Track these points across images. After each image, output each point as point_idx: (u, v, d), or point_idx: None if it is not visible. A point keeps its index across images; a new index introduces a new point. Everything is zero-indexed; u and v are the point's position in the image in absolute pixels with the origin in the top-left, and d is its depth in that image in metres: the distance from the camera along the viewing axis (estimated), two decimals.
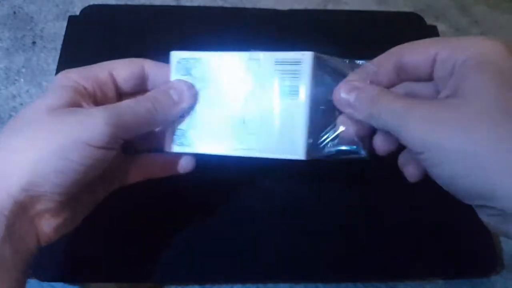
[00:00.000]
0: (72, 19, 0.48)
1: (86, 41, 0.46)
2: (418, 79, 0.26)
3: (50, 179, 0.23)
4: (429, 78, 0.25)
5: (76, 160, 0.23)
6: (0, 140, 0.23)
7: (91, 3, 0.49)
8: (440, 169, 0.21)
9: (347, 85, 0.26)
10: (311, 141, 0.26)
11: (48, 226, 0.25)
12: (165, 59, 0.29)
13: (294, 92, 0.26)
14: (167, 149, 0.29)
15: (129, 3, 0.52)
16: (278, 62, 0.26)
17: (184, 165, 0.30)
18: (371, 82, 0.26)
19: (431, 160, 0.22)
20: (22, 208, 0.23)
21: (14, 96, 0.45)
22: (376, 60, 0.26)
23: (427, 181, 0.37)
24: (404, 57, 0.25)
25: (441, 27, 0.52)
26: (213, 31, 0.46)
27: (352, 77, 0.26)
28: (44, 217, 0.24)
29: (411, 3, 0.55)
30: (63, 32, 0.47)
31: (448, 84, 0.23)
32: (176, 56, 0.28)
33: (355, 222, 0.38)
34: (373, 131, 0.27)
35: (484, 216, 0.22)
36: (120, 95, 0.29)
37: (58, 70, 0.44)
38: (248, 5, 0.53)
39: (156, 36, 0.46)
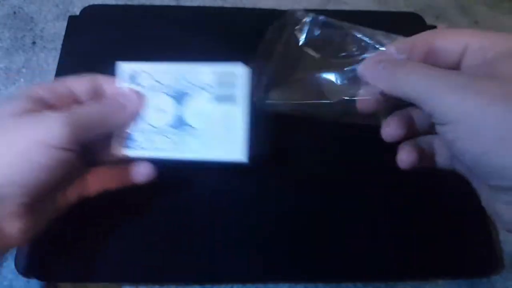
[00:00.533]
0: (72, 19, 0.48)
1: (86, 41, 0.46)
2: (445, 66, 0.25)
3: (14, 180, 0.24)
4: (456, 67, 0.25)
5: (39, 161, 0.24)
6: None
7: (91, 3, 0.49)
8: (471, 142, 0.20)
9: (375, 57, 0.27)
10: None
11: (11, 228, 0.25)
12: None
13: (232, 99, 0.29)
14: (114, 152, 0.30)
15: (129, 3, 0.52)
16: (216, 74, 0.29)
17: (143, 172, 0.31)
18: None
19: (461, 131, 0.21)
20: None
21: None
22: (409, 39, 0.27)
23: (427, 181, 0.37)
24: (437, 42, 0.25)
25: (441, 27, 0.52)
26: (213, 31, 0.46)
27: (379, 56, 0.27)
28: (7, 219, 0.25)
29: (411, 3, 0.55)
30: (63, 32, 0.47)
31: (480, 70, 0.23)
32: (122, 67, 0.31)
33: (355, 222, 0.38)
34: (389, 110, 0.27)
35: (500, 205, 0.21)
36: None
37: (58, 70, 0.44)
38: (248, 5, 0.53)
39: (156, 36, 0.46)
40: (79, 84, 0.29)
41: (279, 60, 0.32)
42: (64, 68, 0.44)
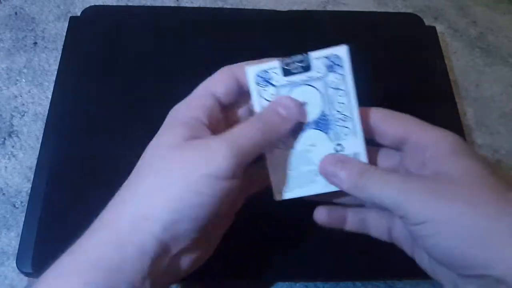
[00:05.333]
0: (73, 20, 0.48)
1: (87, 42, 0.46)
2: (387, 145, 0.28)
3: (187, 215, 0.23)
4: (397, 148, 0.27)
5: (208, 193, 0.23)
6: (132, 186, 0.24)
7: (92, 4, 0.50)
8: (439, 239, 0.23)
9: (333, 156, 0.27)
10: None
11: (184, 262, 0.25)
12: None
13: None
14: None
15: (130, 4, 0.53)
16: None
17: None
18: None
19: (431, 230, 0.23)
20: (164, 249, 0.23)
21: (15, 96, 0.45)
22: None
23: None
24: (380, 124, 0.27)
25: (439, 27, 0.53)
26: (213, 32, 0.46)
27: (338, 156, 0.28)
28: (182, 255, 0.25)
29: (410, 3, 0.56)
30: (64, 33, 0.47)
31: (424, 168, 0.25)
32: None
33: None
34: None
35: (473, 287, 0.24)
36: (223, 107, 0.28)
37: (59, 71, 0.45)
38: (248, 6, 0.53)
39: (156, 37, 0.46)
40: (221, 85, 0.27)
41: None
42: (65, 69, 0.44)
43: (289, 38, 0.46)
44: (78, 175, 0.39)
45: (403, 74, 0.46)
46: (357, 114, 0.26)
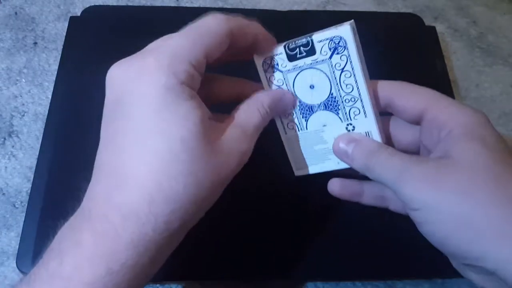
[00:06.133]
0: (73, 20, 0.48)
1: (87, 42, 0.46)
2: (405, 120, 0.27)
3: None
4: (416, 123, 0.27)
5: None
6: None
7: (92, 4, 0.50)
8: (434, 227, 0.23)
9: (346, 136, 0.27)
10: None
11: None
12: None
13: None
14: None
15: (130, 4, 0.53)
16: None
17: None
18: None
19: (426, 217, 0.23)
20: None
21: (15, 97, 0.45)
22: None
23: None
24: (396, 100, 0.26)
25: (439, 27, 0.53)
26: None
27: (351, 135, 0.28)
28: None
29: (410, 3, 0.56)
30: (64, 33, 0.47)
31: (438, 148, 0.25)
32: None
33: (354, 220, 0.38)
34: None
35: (468, 274, 0.24)
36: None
37: (59, 71, 0.45)
38: (248, 6, 0.53)
39: (156, 37, 0.46)
40: (216, 50, 0.25)
41: None
42: (66, 69, 0.44)
43: (289, 38, 0.46)
44: (78, 175, 0.38)
45: (403, 74, 0.46)
46: (366, 94, 0.26)
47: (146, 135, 0.21)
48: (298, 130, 0.29)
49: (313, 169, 0.30)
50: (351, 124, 0.27)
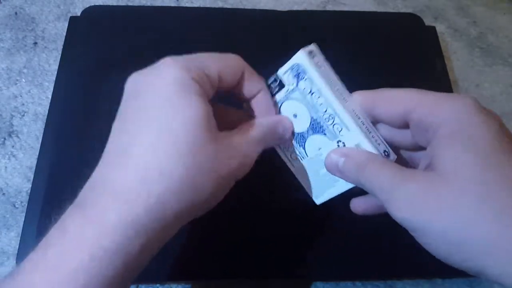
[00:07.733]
0: (73, 20, 0.48)
1: (87, 42, 0.46)
2: (393, 126, 0.26)
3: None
4: (405, 128, 0.26)
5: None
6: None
7: (92, 4, 0.50)
8: (430, 247, 0.23)
9: (335, 151, 0.27)
10: None
11: None
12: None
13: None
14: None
15: (130, 4, 0.53)
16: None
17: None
18: None
19: (420, 239, 0.23)
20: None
21: (15, 96, 0.45)
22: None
23: None
24: (375, 109, 0.26)
25: (439, 27, 0.53)
26: (214, 32, 0.46)
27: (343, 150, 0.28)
28: None
29: (410, 3, 0.56)
30: (64, 33, 0.47)
31: (427, 152, 0.24)
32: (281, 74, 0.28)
33: (354, 221, 0.38)
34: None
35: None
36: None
37: (59, 71, 0.45)
38: (248, 6, 0.53)
39: (156, 37, 0.46)
40: (230, 73, 0.25)
41: None
42: (65, 69, 0.45)
43: (289, 38, 0.46)
44: (78, 175, 0.38)
45: (403, 74, 0.46)
46: (341, 109, 0.26)
47: (153, 120, 0.22)
48: (301, 159, 0.30)
49: (329, 193, 0.30)
50: (340, 141, 0.27)
